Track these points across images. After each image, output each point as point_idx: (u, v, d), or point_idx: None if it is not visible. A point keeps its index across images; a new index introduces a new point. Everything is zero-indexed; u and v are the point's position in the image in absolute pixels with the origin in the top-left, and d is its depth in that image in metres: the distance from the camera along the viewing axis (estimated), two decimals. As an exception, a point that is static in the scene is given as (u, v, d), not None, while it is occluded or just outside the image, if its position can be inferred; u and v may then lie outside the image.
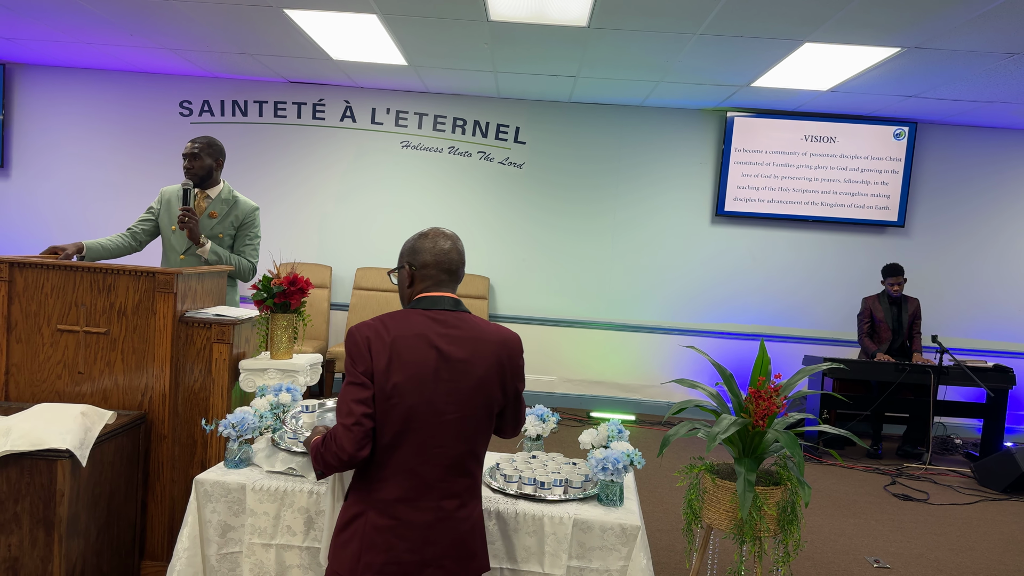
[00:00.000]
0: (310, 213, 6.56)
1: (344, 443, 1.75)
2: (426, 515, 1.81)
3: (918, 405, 5.57)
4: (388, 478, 1.80)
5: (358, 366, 1.79)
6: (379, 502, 1.80)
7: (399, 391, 1.78)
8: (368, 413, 1.76)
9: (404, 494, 1.80)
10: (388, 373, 1.78)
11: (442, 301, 1.91)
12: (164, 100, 6.50)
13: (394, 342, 1.80)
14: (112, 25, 5.02)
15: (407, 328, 1.83)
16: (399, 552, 1.78)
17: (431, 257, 1.93)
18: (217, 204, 3.55)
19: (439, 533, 1.82)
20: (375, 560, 1.77)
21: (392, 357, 1.79)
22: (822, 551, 3.76)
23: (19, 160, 6.56)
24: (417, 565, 1.79)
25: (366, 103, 6.49)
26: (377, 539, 1.78)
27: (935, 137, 6.42)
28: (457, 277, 1.97)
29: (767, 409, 2.49)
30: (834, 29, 4.20)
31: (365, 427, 1.76)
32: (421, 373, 1.80)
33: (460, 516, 1.86)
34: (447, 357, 1.82)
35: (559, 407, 6.44)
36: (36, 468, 2.31)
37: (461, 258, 1.98)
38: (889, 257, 6.41)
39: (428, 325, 1.85)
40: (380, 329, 1.82)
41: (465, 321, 1.89)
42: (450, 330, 1.86)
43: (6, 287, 2.77)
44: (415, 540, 1.79)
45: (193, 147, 3.49)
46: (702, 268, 6.57)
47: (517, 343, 1.95)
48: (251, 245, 3.63)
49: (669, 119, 6.47)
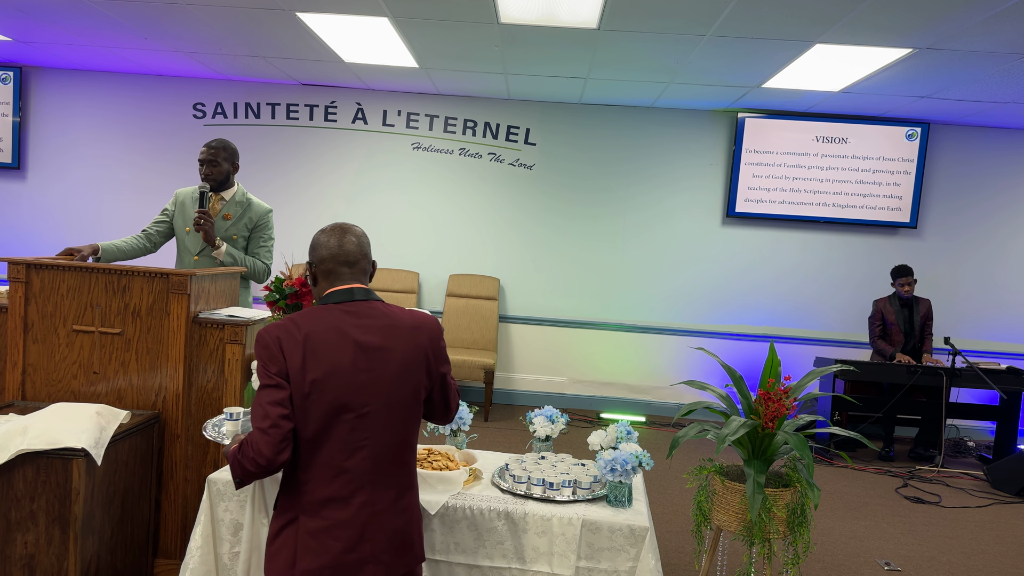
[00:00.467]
0: (321, 214, 6.60)
1: (262, 447, 1.68)
2: (360, 511, 1.75)
3: (930, 407, 5.54)
4: (315, 479, 1.75)
5: (271, 367, 1.73)
6: (309, 505, 1.75)
7: (318, 387, 1.73)
8: (285, 415, 1.70)
9: (334, 493, 1.74)
10: (304, 370, 1.73)
11: (351, 292, 1.86)
12: (178, 102, 6.56)
13: (307, 338, 1.75)
14: (127, 28, 5.08)
15: (319, 323, 1.78)
16: (336, 553, 1.73)
17: (327, 252, 1.89)
18: (231, 206, 3.58)
19: (375, 528, 1.77)
20: (311, 565, 1.72)
21: (306, 354, 1.74)
22: (832, 553, 3.75)
23: (35, 162, 6.64)
24: (355, 564, 1.74)
25: (377, 105, 6.53)
26: (311, 543, 1.73)
27: (948, 138, 6.38)
28: (360, 269, 1.91)
29: (777, 411, 2.49)
30: (845, 30, 4.19)
31: (283, 429, 1.69)
32: (338, 366, 1.75)
33: (396, 508, 1.82)
34: (363, 347, 1.78)
35: (568, 408, 6.45)
36: (52, 467, 2.34)
37: (361, 249, 1.92)
38: (901, 258, 6.37)
39: (340, 318, 1.80)
40: (290, 327, 1.77)
41: (377, 309, 1.85)
42: (363, 320, 1.81)
43: (23, 288, 2.81)
44: (351, 539, 1.74)
45: (211, 153, 3.51)
46: (712, 269, 6.56)
47: (435, 325, 1.92)
48: (265, 247, 3.66)
49: (679, 120, 6.47)
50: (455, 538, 2.33)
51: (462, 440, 2.77)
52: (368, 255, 1.95)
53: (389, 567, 1.78)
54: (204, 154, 3.52)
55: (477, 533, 2.32)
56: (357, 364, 1.76)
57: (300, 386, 1.72)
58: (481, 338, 6.39)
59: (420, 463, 2.49)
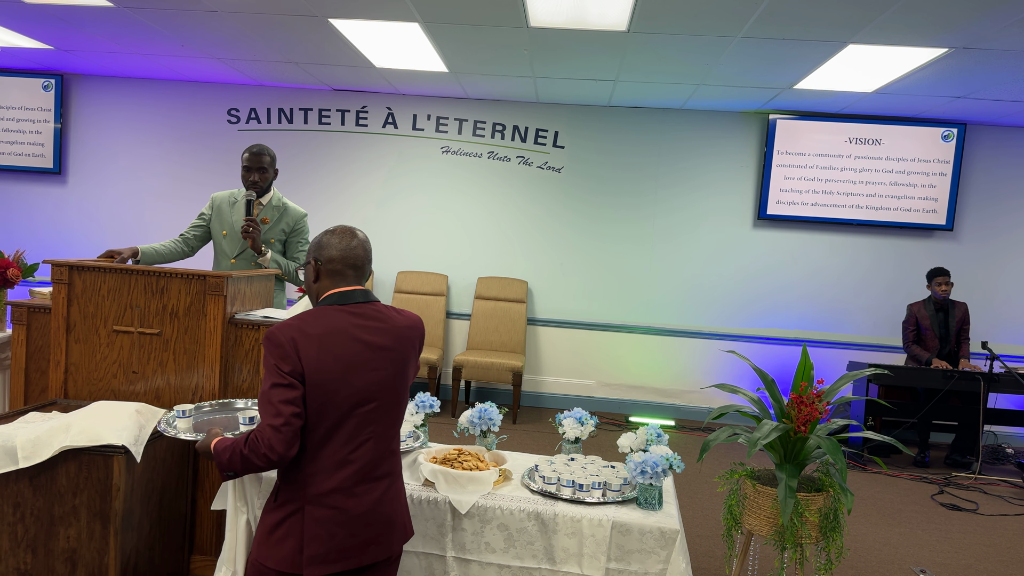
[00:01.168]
0: (352, 217, 6.67)
1: (274, 444, 1.75)
2: (363, 499, 1.87)
3: (967, 413, 5.44)
4: (322, 471, 1.84)
5: (283, 367, 1.79)
6: (315, 496, 1.83)
7: (332, 388, 1.82)
8: (297, 413, 1.78)
9: (339, 484, 1.84)
10: (319, 372, 1.81)
11: (354, 295, 1.95)
12: (213, 108, 6.68)
13: (321, 340, 1.83)
14: (164, 36, 5.19)
15: (329, 325, 1.86)
16: (341, 538, 1.84)
17: (337, 252, 1.96)
18: (269, 210, 3.63)
19: (376, 513, 1.89)
20: (319, 550, 1.82)
21: (321, 356, 1.82)
22: (866, 560, 3.70)
23: (76, 167, 6.81)
24: (359, 546, 1.86)
25: (407, 110, 6.59)
26: (319, 531, 1.83)
27: (985, 139, 6.26)
28: (363, 273, 2.00)
29: (809, 415, 2.47)
30: (879, 30, 4.14)
31: (294, 427, 1.78)
32: (351, 366, 1.84)
33: (392, 492, 1.95)
34: (372, 346, 1.89)
35: (597, 411, 6.44)
36: (94, 463, 2.41)
37: (367, 255, 2.00)
38: (937, 261, 6.26)
39: (347, 319, 1.89)
40: (304, 328, 1.84)
41: (380, 311, 1.96)
42: (369, 322, 1.92)
43: (65, 289, 2.89)
44: (356, 525, 1.86)
45: (258, 160, 3.52)
46: (743, 272, 6.50)
47: (422, 325, 2.06)
48: (303, 251, 3.71)
49: (710, 122, 6.43)
50: (485, 538, 2.34)
51: (491, 441, 2.79)
52: (371, 260, 2.04)
53: (387, 546, 1.92)
54: (251, 161, 3.52)
55: (507, 533, 2.33)
56: (369, 363, 1.87)
57: (316, 385, 1.81)
58: (509, 341, 6.41)
59: (450, 463, 2.51)
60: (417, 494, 2.40)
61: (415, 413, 2.83)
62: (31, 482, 2.41)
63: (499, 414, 2.78)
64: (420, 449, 2.67)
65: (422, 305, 6.47)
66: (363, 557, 1.87)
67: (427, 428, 2.85)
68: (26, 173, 6.80)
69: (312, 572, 1.81)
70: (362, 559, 1.87)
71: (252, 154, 3.54)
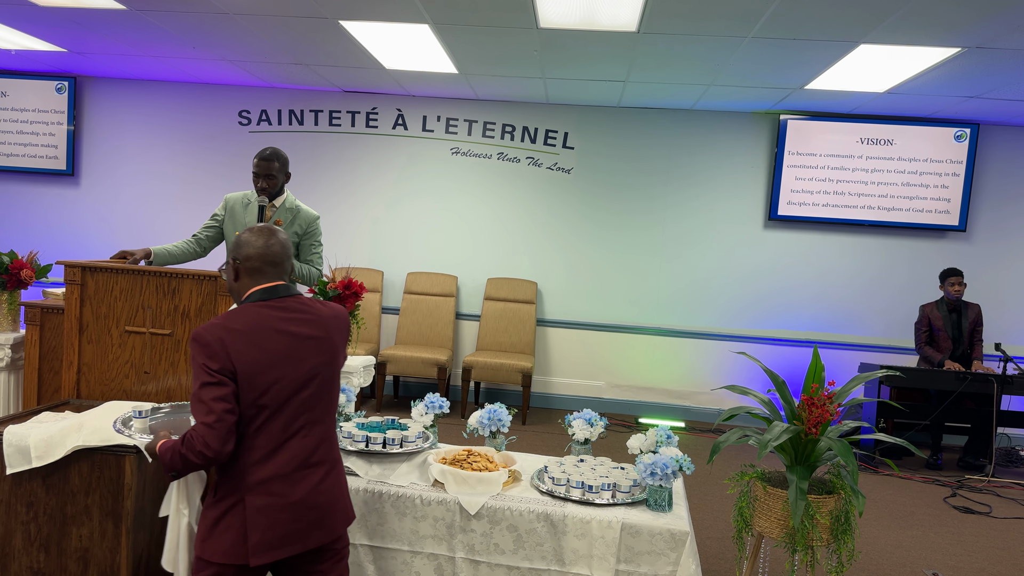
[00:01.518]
0: (362, 218, 6.69)
1: (209, 441, 1.80)
2: (301, 485, 1.91)
3: (980, 415, 5.39)
4: (259, 461, 1.88)
5: (212, 365, 1.83)
6: (255, 485, 1.87)
7: (263, 381, 1.87)
8: (229, 409, 1.82)
9: (277, 471, 1.88)
10: (249, 367, 1.85)
11: (276, 290, 1.99)
12: (224, 109, 6.72)
13: (248, 335, 1.88)
14: (176, 39, 5.22)
15: (254, 321, 1.92)
16: (284, 523, 1.88)
17: (254, 250, 1.99)
18: (282, 213, 3.63)
19: (317, 499, 1.93)
20: (263, 537, 1.86)
21: (250, 352, 1.86)
22: (878, 563, 3.67)
23: (88, 169, 6.86)
24: (303, 531, 1.91)
25: (417, 111, 6.60)
26: (261, 519, 1.86)
27: (999, 139, 6.21)
28: (283, 269, 2.03)
29: (820, 417, 2.45)
30: (891, 30, 4.12)
31: (227, 423, 1.82)
32: (280, 358, 1.90)
33: (332, 477, 1.99)
34: (301, 337, 1.95)
35: (606, 413, 6.43)
36: (106, 463, 2.42)
37: (285, 251, 2.04)
38: (949, 262, 6.21)
39: (271, 314, 1.95)
40: (230, 326, 1.88)
41: (304, 303, 2.02)
42: (294, 314, 1.97)
43: (78, 290, 2.91)
44: (298, 510, 1.90)
45: (267, 167, 3.51)
46: (754, 273, 6.48)
47: (346, 315, 2.12)
48: (317, 254, 3.69)
49: (720, 122, 6.41)
50: (495, 539, 2.34)
51: (501, 442, 2.79)
52: (290, 257, 2.08)
53: (331, 528, 1.96)
54: (259, 167, 3.51)
55: (517, 534, 2.33)
56: (298, 353, 1.93)
57: (248, 381, 1.85)
58: (519, 342, 6.41)
59: (460, 464, 2.51)
60: (426, 495, 2.41)
61: (425, 414, 2.84)
62: (44, 481, 2.43)
63: (508, 415, 2.79)
64: (430, 450, 2.67)
65: (432, 306, 6.48)
66: (308, 541, 1.91)
67: (436, 429, 2.86)
68: (39, 175, 6.86)
69: (258, 560, 1.84)
70: (307, 543, 1.91)
71: (261, 160, 3.52)
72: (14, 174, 6.89)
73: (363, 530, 2.44)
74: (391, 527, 2.42)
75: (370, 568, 2.44)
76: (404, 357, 6.00)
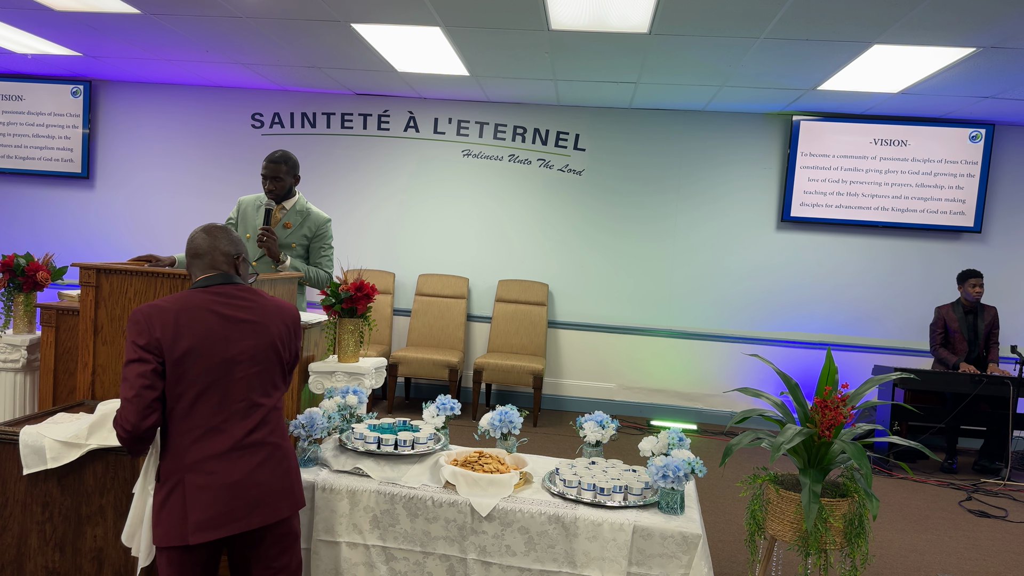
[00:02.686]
0: (374, 221, 6.71)
1: (127, 415, 1.87)
2: (239, 465, 1.94)
3: (996, 418, 5.34)
4: (196, 440, 1.93)
5: (139, 340, 1.91)
6: (193, 465, 1.91)
7: (190, 357, 1.92)
8: (148, 385, 1.88)
9: (214, 451, 1.93)
10: (175, 342, 1.92)
11: (213, 278, 2.08)
12: (237, 113, 6.76)
13: (178, 315, 1.95)
14: (190, 42, 5.26)
15: (188, 302, 1.99)
16: (225, 500, 1.91)
17: (186, 248, 2.14)
18: (291, 215, 3.65)
19: (260, 476, 1.96)
20: (204, 516, 1.89)
21: (178, 328, 1.93)
22: (892, 567, 3.65)
23: (103, 172, 6.92)
24: (246, 509, 1.93)
25: (429, 113, 6.62)
26: (201, 496, 1.90)
27: (1015, 139, 6.16)
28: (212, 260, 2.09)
29: (834, 419, 2.44)
30: (904, 30, 4.09)
31: (146, 398, 1.88)
32: (210, 337, 1.96)
33: (276, 458, 2.02)
34: (232, 320, 2.00)
35: (618, 415, 6.41)
36: (120, 463, 2.44)
37: (208, 243, 2.10)
38: (964, 264, 6.16)
39: (207, 298, 2.02)
40: (161, 305, 1.96)
41: (244, 291, 2.09)
42: (229, 300, 2.04)
43: (93, 292, 2.93)
44: (239, 487, 1.93)
45: (274, 169, 3.53)
46: (767, 275, 6.45)
47: (296, 312, 2.18)
48: (327, 256, 3.71)
49: (732, 124, 6.39)
50: (506, 541, 2.34)
51: (512, 444, 2.79)
52: (230, 252, 2.12)
53: (275, 509, 1.99)
54: (267, 170, 3.53)
55: (528, 536, 2.33)
56: (226, 335, 1.98)
57: (172, 357, 1.91)
58: (530, 343, 6.41)
59: (471, 466, 2.51)
60: (438, 496, 2.41)
61: (436, 415, 2.84)
62: (59, 482, 2.45)
63: (520, 417, 2.78)
64: (441, 452, 2.68)
65: (443, 308, 6.49)
66: (250, 520, 1.93)
67: (448, 431, 2.86)
68: (55, 178, 6.92)
69: (197, 538, 1.87)
70: (249, 522, 1.93)
71: (269, 162, 3.54)
72: (30, 177, 6.96)
73: (375, 531, 2.45)
74: (403, 528, 2.42)
75: (382, 569, 2.44)
76: (415, 359, 6.01)
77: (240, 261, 2.15)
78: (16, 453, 2.43)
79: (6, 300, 3.78)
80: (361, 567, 2.44)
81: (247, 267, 2.20)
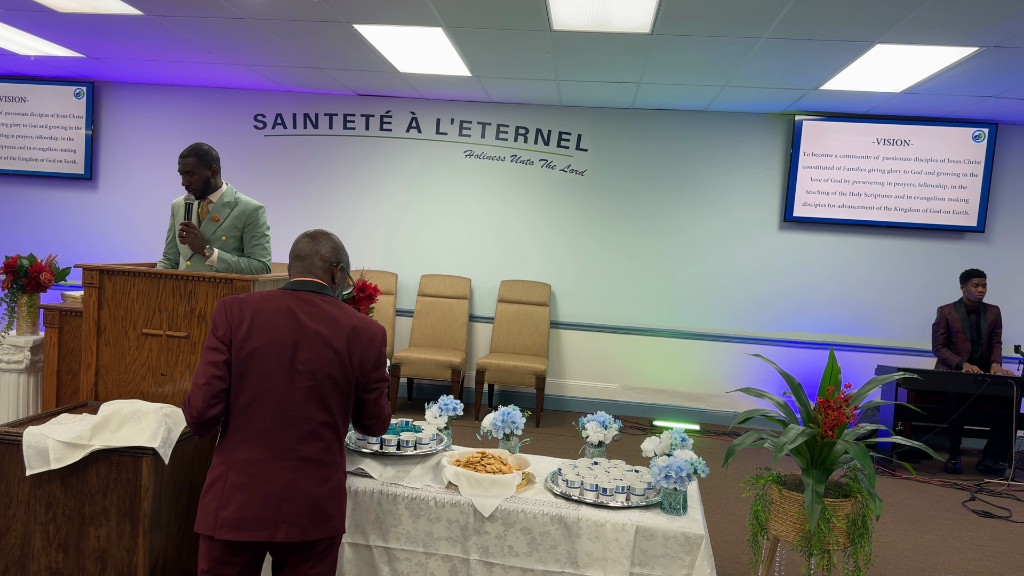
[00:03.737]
0: (376, 221, 6.72)
1: (194, 400, 1.93)
2: (281, 475, 1.93)
3: (999, 418, 5.33)
4: (246, 440, 1.95)
5: (217, 331, 1.97)
6: (237, 462, 1.94)
7: (256, 356, 1.95)
8: (218, 375, 1.94)
9: (259, 455, 1.94)
10: (247, 339, 1.95)
11: (303, 284, 2.09)
12: (239, 114, 6.77)
13: (256, 311, 1.98)
14: (193, 43, 5.27)
15: (270, 301, 2.02)
16: (254, 508, 1.91)
17: (290, 249, 2.17)
18: (219, 208, 3.51)
19: (295, 493, 1.94)
20: (232, 515, 1.90)
21: (252, 324, 1.97)
22: (895, 567, 3.64)
23: (106, 173, 6.93)
24: (271, 520, 1.91)
25: (431, 114, 6.62)
26: (234, 495, 1.91)
27: (1018, 138, 6.14)
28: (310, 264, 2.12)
29: (837, 419, 2.43)
30: (907, 30, 4.08)
31: (214, 388, 1.93)
32: (279, 341, 1.97)
33: (317, 479, 1.98)
34: (305, 328, 1.99)
35: (620, 415, 6.41)
36: (123, 464, 2.44)
37: (311, 248, 2.13)
38: (967, 263, 6.15)
39: (290, 300, 2.04)
40: (244, 299, 2.01)
41: (328, 302, 2.08)
42: (311, 308, 2.04)
43: (96, 293, 2.94)
44: (270, 497, 1.92)
45: (184, 165, 3.43)
46: (769, 275, 6.44)
47: (380, 331, 2.11)
48: (259, 245, 3.55)
49: (735, 124, 6.38)
50: (509, 541, 2.34)
51: (515, 444, 2.79)
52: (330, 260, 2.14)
53: (304, 530, 1.94)
54: (179, 166, 3.46)
55: (531, 537, 2.33)
56: (298, 343, 1.98)
57: (240, 352, 1.95)
58: (532, 344, 6.41)
59: (474, 466, 2.51)
60: (440, 497, 2.41)
61: (439, 416, 2.84)
62: (63, 483, 2.45)
63: (522, 417, 2.78)
64: (443, 452, 2.68)
65: (445, 308, 6.49)
66: (276, 533, 1.91)
67: (450, 431, 2.86)
68: (58, 179, 6.94)
69: (223, 534, 1.89)
70: (275, 534, 1.91)
71: (180, 158, 3.45)
72: (33, 178, 6.98)
73: (377, 531, 2.45)
74: (405, 529, 2.42)
75: (385, 569, 2.44)
76: (418, 359, 6.01)
77: (338, 270, 2.17)
78: (20, 454, 2.43)
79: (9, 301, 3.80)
80: (364, 568, 2.44)
81: (344, 277, 2.20)
